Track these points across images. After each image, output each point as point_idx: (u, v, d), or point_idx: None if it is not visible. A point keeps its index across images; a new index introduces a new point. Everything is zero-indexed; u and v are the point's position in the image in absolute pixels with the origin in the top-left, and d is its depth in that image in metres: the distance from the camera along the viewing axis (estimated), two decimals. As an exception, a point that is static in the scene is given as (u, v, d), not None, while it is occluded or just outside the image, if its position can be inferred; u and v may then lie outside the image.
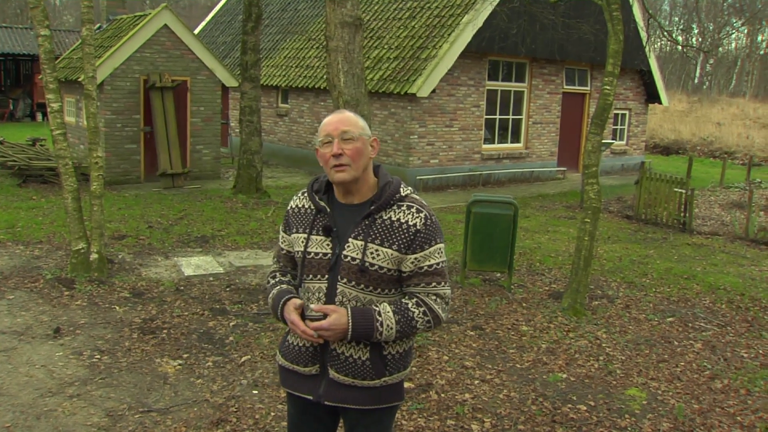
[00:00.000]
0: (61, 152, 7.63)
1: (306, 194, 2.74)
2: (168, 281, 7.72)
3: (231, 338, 6.08)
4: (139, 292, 7.28)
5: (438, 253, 2.60)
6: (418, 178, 15.32)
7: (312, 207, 2.70)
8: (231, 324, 6.43)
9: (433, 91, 15.06)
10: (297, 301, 2.62)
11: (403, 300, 2.60)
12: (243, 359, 5.63)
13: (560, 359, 5.90)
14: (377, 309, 2.52)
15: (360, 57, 7.57)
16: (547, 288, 7.98)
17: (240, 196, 13.14)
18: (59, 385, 5.02)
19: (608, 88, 6.90)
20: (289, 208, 2.79)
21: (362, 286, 2.56)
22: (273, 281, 2.82)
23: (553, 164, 18.26)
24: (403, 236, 2.56)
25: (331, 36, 7.48)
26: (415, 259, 2.56)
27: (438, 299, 2.59)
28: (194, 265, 8.47)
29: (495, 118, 16.99)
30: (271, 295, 2.76)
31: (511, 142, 17.50)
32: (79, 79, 14.25)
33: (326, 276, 2.60)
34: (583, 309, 7.11)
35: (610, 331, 6.67)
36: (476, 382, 5.35)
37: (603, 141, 10.51)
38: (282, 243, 2.83)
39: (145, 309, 6.75)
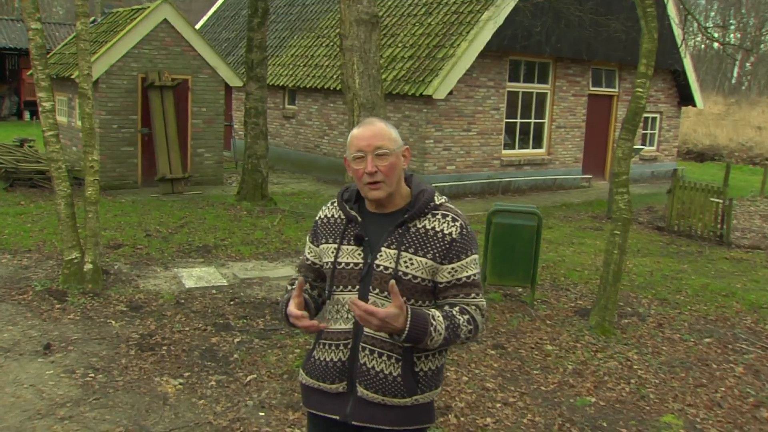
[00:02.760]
0: (54, 155, 7.65)
1: (336, 204, 2.80)
2: (168, 294, 7.71)
3: (235, 356, 6.06)
4: (137, 305, 7.28)
5: (474, 264, 2.65)
6: (433, 185, 15.17)
7: (342, 217, 2.76)
8: (235, 340, 6.42)
9: (450, 92, 15.06)
10: (296, 305, 2.63)
11: (446, 308, 2.63)
12: (248, 378, 5.61)
13: (588, 382, 5.85)
14: (430, 312, 2.55)
15: (377, 57, 7.58)
16: (572, 304, 7.95)
17: (244, 203, 13.16)
18: (49, 406, 5.00)
19: (641, 90, 6.87)
20: (317, 218, 2.85)
21: None
22: (290, 287, 2.89)
23: (577, 171, 18.21)
24: (438, 245, 2.61)
25: (346, 34, 7.49)
26: (452, 269, 2.61)
27: (477, 310, 2.64)
28: (196, 276, 8.47)
29: (516, 122, 16.97)
30: (281, 302, 2.81)
31: (533, 148, 17.47)
32: (72, 77, 14.31)
33: (357, 287, 2.64)
34: (612, 327, 7.07)
35: (642, 352, 6.61)
36: (498, 405, 5.32)
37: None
38: (308, 253, 2.89)
39: (143, 324, 6.74)
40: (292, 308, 2.62)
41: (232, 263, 9.16)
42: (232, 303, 7.51)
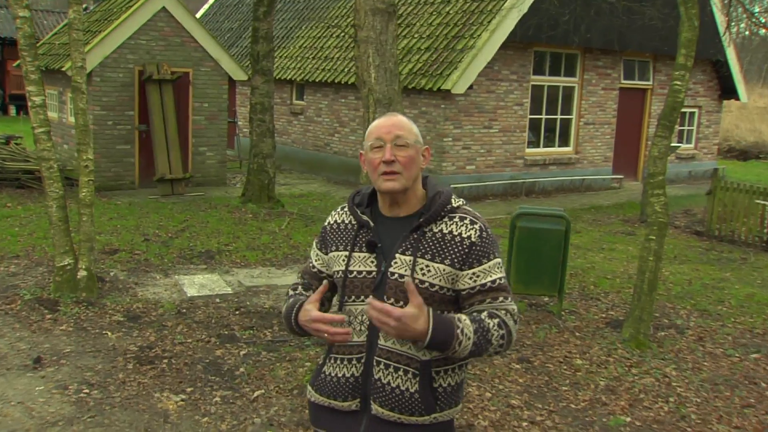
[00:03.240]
0: (45, 153, 7.68)
1: (346, 209, 2.82)
2: (168, 303, 7.73)
3: (242, 369, 6.06)
4: (135, 315, 7.29)
5: (497, 268, 2.64)
6: (452, 186, 15.12)
7: (353, 222, 2.77)
8: (241, 353, 6.42)
9: (470, 87, 15.03)
10: (313, 307, 2.62)
11: (473, 312, 2.60)
12: (256, 394, 5.60)
13: (622, 399, 5.81)
14: (455, 316, 2.51)
15: (394, 49, 7.57)
16: (603, 315, 7.91)
17: (250, 206, 13.18)
18: (40, 425, 5.00)
19: (679, 83, 6.82)
20: (326, 224, 2.86)
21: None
22: (292, 293, 2.89)
23: (607, 171, 18.14)
24: (456, 250, 2.61)
25: (361, 25, 7.48)
26: (473, 274, 2.61)
27: (508, 314, 2.60)
28: (198, 284, 8.48)
29: (540, 118, 16.91)
30: (285, 307, 2.80)
31: (559, 146, 17.40)
32: (63, 69, 14.34)
33: (370, 297, 2.62)
34: (648, 341, 7.03)
35: (681, 368, 6.56)
36: (524, 424, 5.29)
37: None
38: (315, 261, 2.90)
39: (141, 335, 6.75)
40: (316, 311, 2.59)
41: (237, 270, 9.16)
42: (237, 313, 7.52)
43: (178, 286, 8.41)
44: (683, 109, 19.48)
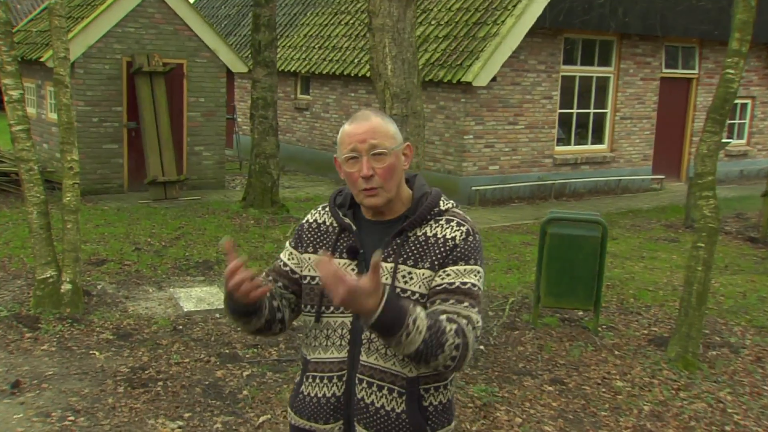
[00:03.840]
0: (24, 154, 7.67)
1: (328, 209, 2.84)
2: (162, 319, 7.72)
3: (245, 392, 6.05)
4: (126, 332, 7.28)
5: (475, 275, 2.63)
6: (473, 188, 15.24)
7: (335, 224, 2.79)
8: (245, 374, 6.41)
9: (494, 78, 14.98)
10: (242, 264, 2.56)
11: (433, 310, 2.58)
12: (261, 419, 5.58)
13: (670, 427, 5.76)
14: (413, 306, 2.45)
15: (412, 38, 7.55)
16: (645, 331, 7.86)
17: (251, 211, 13.19)
18: (25, 453, 5.01)
19: (732, 72, 6.75)
20: (304, 221, 2.88)
21: None
22: None
23: (646, 171, 18.05)
24: (438, 252, 2.63)
25: (376, 11, 7.46)
26: (444, 272, 2.61)
27: (468, 324, 2.53)
28: (195, 297, 8.48)
29: (572, 113, 16.87)
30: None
31: (592, 143, 17.34)
32: (42, 59, 14.38)
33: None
34: (697, 361, 6.96)
35: (737, 392, 6.49)
36: (560, 454, 5.25)
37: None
38: (288, 259, 2.87)
39: (133, 355, 6.73)
40: (231, 267, 2.53)
41: (238, 282, 9.13)
42: (239, 329, 7.49)
43: (173, 300, 8.40)
44: (735, 101, 19.28)
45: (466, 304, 2.58)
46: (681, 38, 17.93)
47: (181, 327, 7.52)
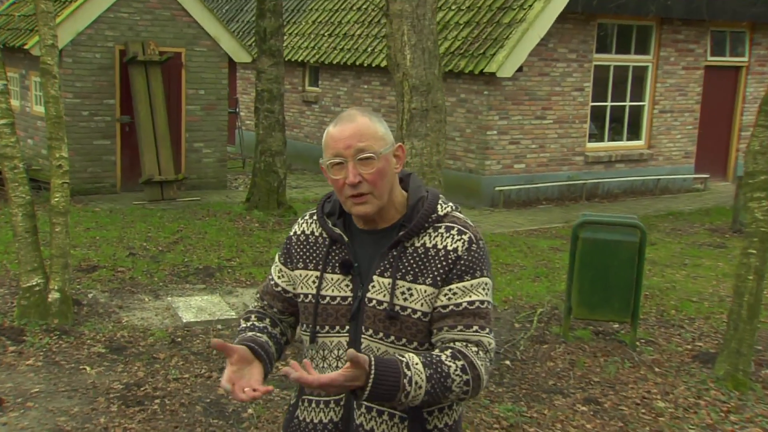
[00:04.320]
0: (8, 150, 7.68)
1: (316, 218, 2.83)
2: (159, 330, 7.72)
3: (250, 410, 6.04)
4: (119, 345, 7.28)
5: (483, 289, 2.64)
6: (496, 189, 15.21)
7: (324, 236, 2.78)
8: (248, 392, 6.35)
9: (520, 69, 14.95)
10: (240, 349, 2.59)
11: (434, 352, 2.59)
12: (266, 442, 5.57)
13: (717, 451, 5.71)
14: (404, 360, 2.50)
15: (433, 25, 7.55)
16: (689, 347, 7.81)
17: (256, 213, 13.22)
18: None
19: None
20: (292, 233, 2.88)
21: (392, 338, 2.62)
22: (243, 325, 2.87)
23: (688, 169, 17.97)
24: (439, 266, 2.62)
25: (393, -4, 7.49)
26: (450, 291, 2.61)
27: (480, 352, 2.58)
28: (195, 307, 8.49)
29: (605, 106, 16.82)
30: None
31: (628, 139, 17.29)
32: (26, 47, 14.40)
33: (346, 327, 2.67)
34: (749, 380, 6.90)
35: (795, 415, 6.44)
36: (596, 481, 5.21)
37: None
38: (278, 278, 2.90)
39: (127, 370, 6.73)
40: (225, 382, 2.55)
41: (242, 290, 9.17)
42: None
43: (171, 309, 8.40)
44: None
45: (475, 328, 2.59)
46: (729, 22, 17.78)
47: (179, 339, 7.52)
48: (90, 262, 9.92)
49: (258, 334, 2.77)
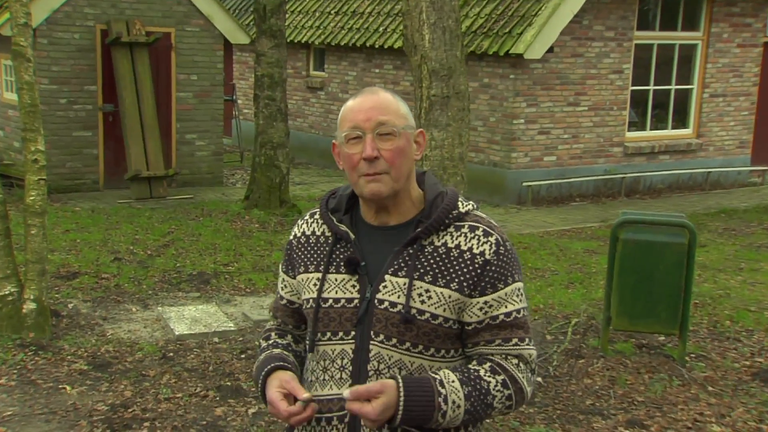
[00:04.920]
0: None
1: (317, 216, 2.87)
2: (149, 344, 7.72)
3: (250, 435, 6.03)
4: (104, 362, 7.28)
5: (517, 296, 2.68)
6: (524, 184, 15.19)
7: (328, 234, 2.80)
8: (250, 411, 6.38)
9: (550, 49, 14.93)
10: (287, 375, 2.68)
11: (471, 366, 2.65)
12: (269, 470, 5.56)
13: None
14: (437, 377, 2.55)
15: (455, 1, 7.53)
16: (747, 363, 7.73)
17: (255, 212, 13.24)
18: None
19: None
20: (292, 237, 2.91)
21: (408, 345, 2.62)
22: (265, 344, 2.94)
23: (743, 161, 17.93)
24: (465, 270, 2.64)
25: (410, -32, 7.48)
26: (485, 304, 2.64)
27: (521, 364, 2.66)
28: (189, 318, 8.48)
29: (647, 90, 16.80)
30: (256, 364, 2.84)
31: (674, 128, 17.28)
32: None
33: (352, 333, 2.67)
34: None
35: None
36: None
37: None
38: (282, 290, 2.96)
39: (113, 389, 6.72)
40: (274, 395, 2.63)
41: (241, 298, 9.18)
42: (243, 356, 7.49)
43: (162, 321, 8.40)
44: None
45: (514, 341, 2.64)
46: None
47: (171, 354, 7.50)
48: (70, 269, 9.93)
49: (280, 350, 2.84)
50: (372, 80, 17.99)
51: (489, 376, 2.58)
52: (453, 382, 2.53)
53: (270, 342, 2.91)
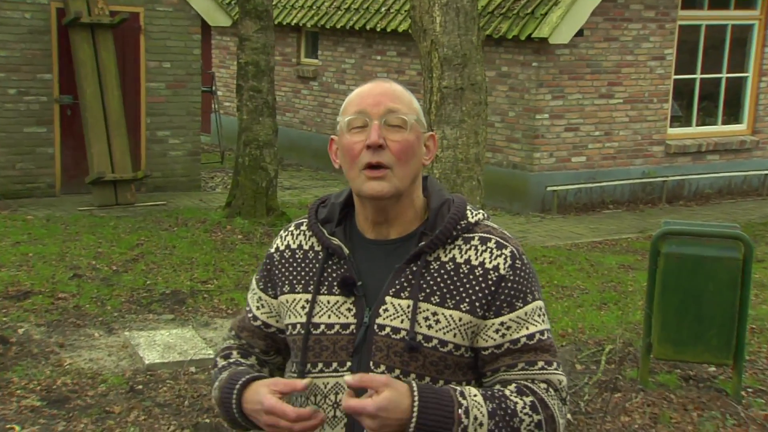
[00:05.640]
0: None
1: (304, 227, 2.87)
2: (114, 375, 7.69)
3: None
4: (60, 396, 7.25)
5: (539, 316, 2.70)
6: (548, 189, 15.23)
7: (318, 248, 2.80)
8: (231, 455, 6.33)
9: (579, 32, 14.95)
10: (271, 380, 2.68)
11: (494, 385, 2.67)
12: None
13: None
14: (457, 388, 2.56)
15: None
16: (815, 399, 7.74)
17: (239, 222, 13.23)
18: None
19: None
20: (273, 250, 2.92)
21: (413, 377, 2.63)
22: (224, 362, 2.94)
23: (805, 162, 17.91)
24: (477, 288, 2.65)
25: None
26: (502, 325, 2.65)
27: (551, 390, 2.65)
28: (161, 344, 8.45)
29: (693, 79, 16.85)
30: (217, 384, 2.83)
31: (725, 123, 17.34)
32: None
33: (348, 364, 2.68)
34: None
35: None
36: None
37: None
38: (257, 309, 2.95)
39: (71, 429, 6.69)
40: (270, 397, 2.59)
41: (222, 321, 9.17)
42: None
43: (129, 348, 8.37)
44: None
45: (540, 364, 2.65)
46: None
47: (140, 387, 7.46)
48: (21, 287, 9.90)
49: (247, 369, 2.83)
50: (373, 69, 18.00)
51: (515, 397, 2.57)
52: (475, 396, 2.53)
53: (231, 360, 2.91)
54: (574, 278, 11.20)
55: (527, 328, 2.64)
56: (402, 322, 2.62)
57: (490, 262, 2.65)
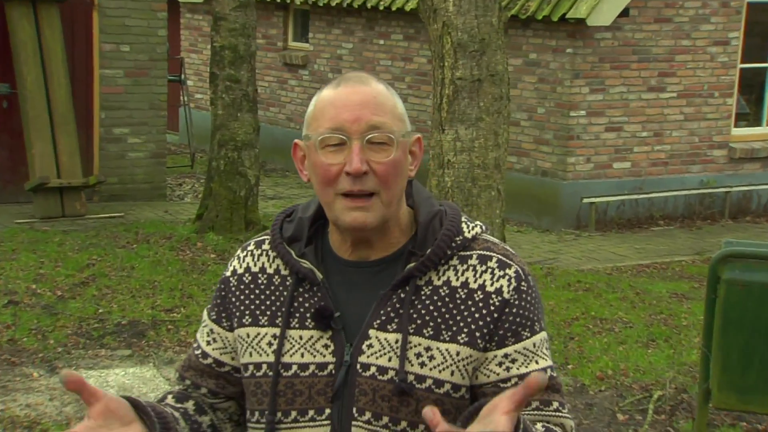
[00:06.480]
0: None
1: (267, 246, 2.85)
2: (56, 424, 7.69)
3: None
4: (-7, 449, 7.24)
5: (546, 349, 2.72)
6: (584, 200, 15.24)
7: (285, 273, 2.78)
8: None
9: (624, 12, 14.99)
10: (111, 399, 2.42)
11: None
12: None
13: None
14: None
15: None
16: None
17: (211, 238, 13.29)
18: None
19: None
20: (229, 274, 2.88)
21: (404, 425, 2.62)
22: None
23: None
24: (477, 315, 2.64)
25: None
26: (506, 357, 2.65)
27: None
28: (116, 386, 8.45)
29: (764, 69, 16.90)
30: None
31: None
32: None
33: (327, 411, 2.67)
34: None
35: None
36: None
37: None
38: (208, 345, 2.91)
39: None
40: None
41: (187, 359, 9.14)
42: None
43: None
44: None
45: (555, 405, 2.65)
46: None
47: (88, 438, 7.44)
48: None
49: (166, 409, 2.69)
50: (374, 55, 18.07)
51: None
52: None
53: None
54: (616, 309, 11.18)
55: (537, 362, 2.64)
56: (389, 360, 2.61)
57: (491, 285, 2.64)
